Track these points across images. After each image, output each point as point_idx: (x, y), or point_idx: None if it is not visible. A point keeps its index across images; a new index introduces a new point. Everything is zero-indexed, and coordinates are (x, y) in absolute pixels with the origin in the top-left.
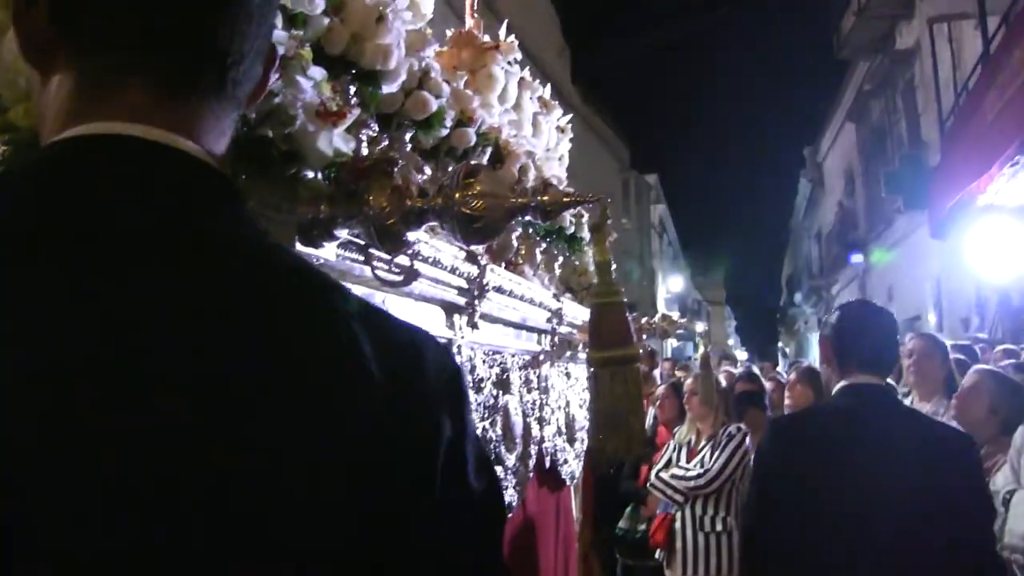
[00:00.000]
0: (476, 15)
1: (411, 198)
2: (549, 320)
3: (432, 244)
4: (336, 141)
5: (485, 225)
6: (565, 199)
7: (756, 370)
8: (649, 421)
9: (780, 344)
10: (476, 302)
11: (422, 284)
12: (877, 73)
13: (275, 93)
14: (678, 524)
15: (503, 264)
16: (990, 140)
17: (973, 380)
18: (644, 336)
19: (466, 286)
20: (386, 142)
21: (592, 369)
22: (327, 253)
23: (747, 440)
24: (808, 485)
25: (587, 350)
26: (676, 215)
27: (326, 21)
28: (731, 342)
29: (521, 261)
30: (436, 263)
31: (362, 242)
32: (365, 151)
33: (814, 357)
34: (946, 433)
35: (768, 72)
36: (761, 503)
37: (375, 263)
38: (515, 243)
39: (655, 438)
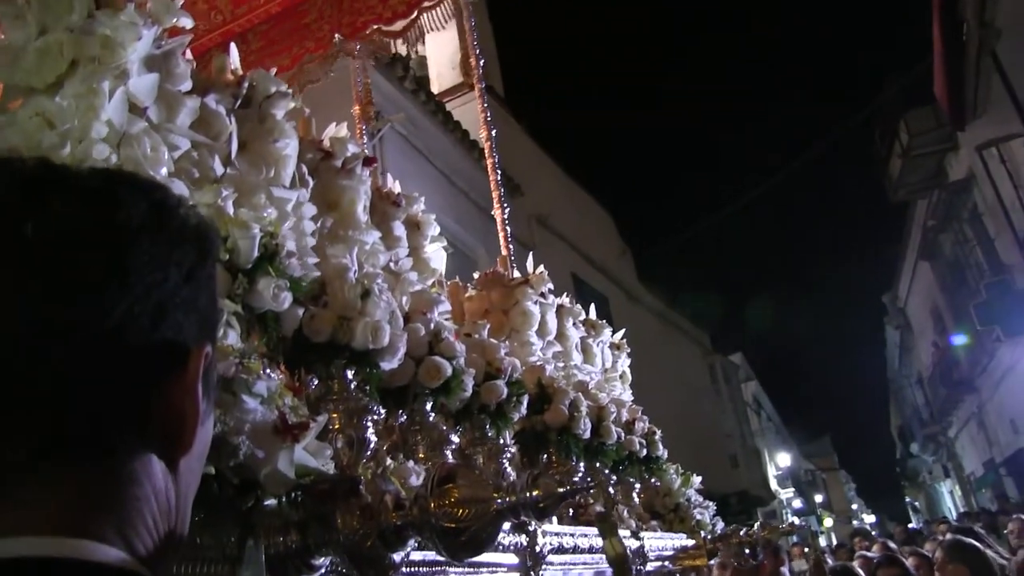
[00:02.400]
0: (511, 241)
1: (386, 514)
2: (631, 563)
3: None
4: (300, 457)
5: (471, 537)
6: (560, 491)
7: (893, 546)
8: None
9: (908, 499)
10: (533, 573)
11: (459, 571)
12: (938, 208)
13: (213, 424)
14: None
15: (570, 512)
16: None
17: None
18: (746, 550)
19: (516, 560)
20: (403, 418)
21: None
22: None
23: None
24: None
25: None
26: (769, 389)
27: (300, 312)
28: (854, 507)
29: (591, 500)
30: None
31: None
32: (374, 439)
33: (949, 508)
34: None
35: (831, 228)
36: None
37: None
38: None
39: None
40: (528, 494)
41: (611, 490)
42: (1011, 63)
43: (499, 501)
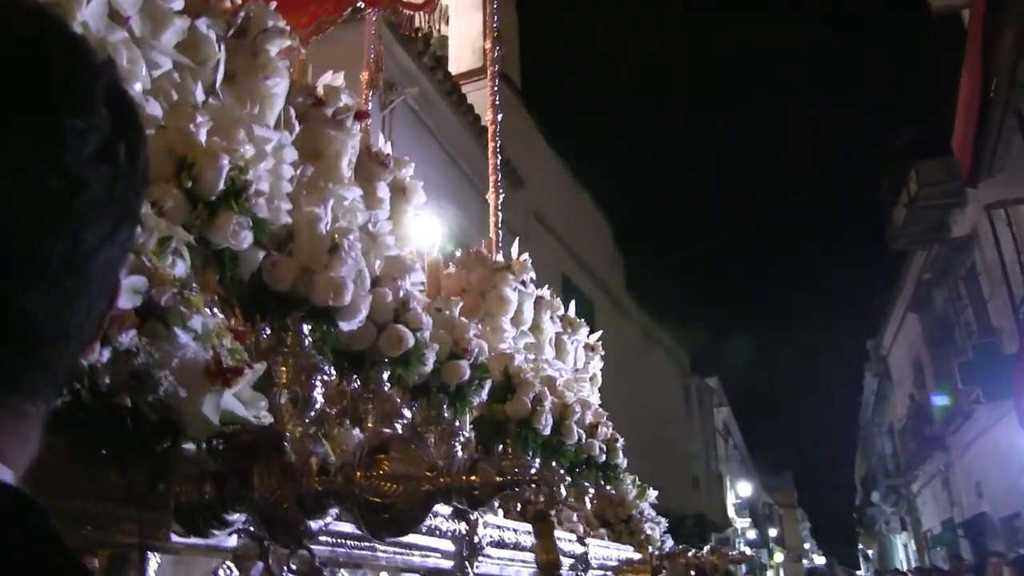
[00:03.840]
0: (500, 228)
1: (309, 477)
2: (572, 567)
3: None
4: (229, 404)
5: (396, 515)
6: (498, 480)
7: None
8: None
9: (860, 546)
10: (468, 564)
11: (389, 551)
12: (936, 262)
13: (135, 352)
14: None
15: (518, 506)
16: None
17: None
18: (692, 572)
19: (452, 548)
20: (356, 384)
21: None
22: (229, 541)
23: None
24: None
25: None
26: (740, 417)
27: (261, 256)
28: (807, 546)
29: (542, 498)
30: None
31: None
32: (321, 399)
33: (901, 561)
34: None
35: (823, 268)
36: None
37: (271, 556)
38: None
39: None
40: (463, 479)
41: (561, 489)
42: None
43: (431, 482)
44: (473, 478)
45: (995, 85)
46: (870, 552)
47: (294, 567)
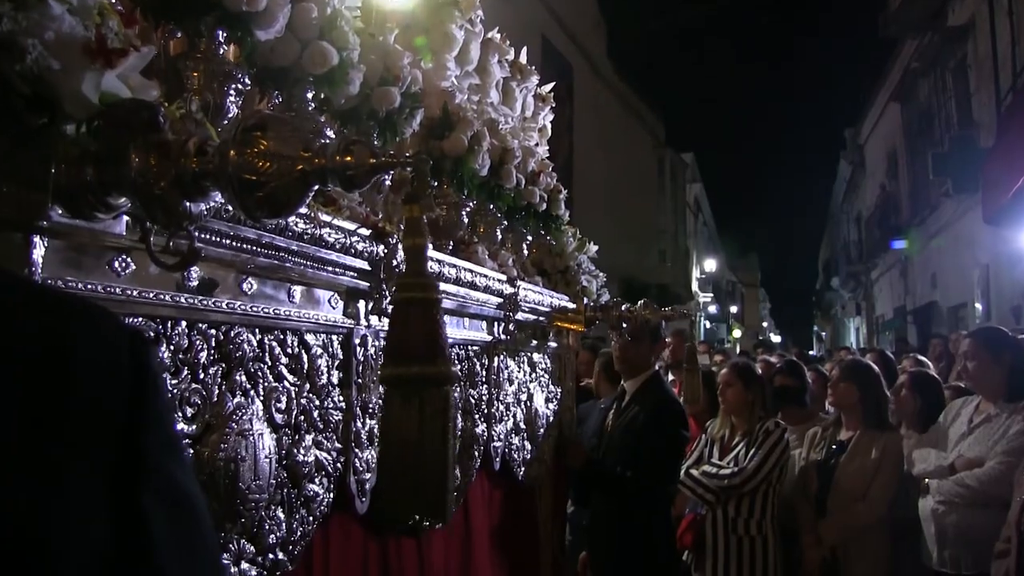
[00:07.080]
0: None
1: (186, 158)
2: (500, 307)
3: (320, 218)
4: (111, 85)
5: (271, 193)
6: (372, 161)
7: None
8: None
9: (816, 328)
10: (385, 287)
11: (299, 261)
12: (927, 51)
13: None
14: (708, 526)
15: (451, 244)
16: None
17: None
18: (623, 324)
19: (368, 268)
20: (278, 101)
21: (383, 389)
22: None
23: (785, 437)
24: None
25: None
26: (712, 195)
27: None
28: (765, 324)
29: (476, 240)
30: (319, 241)
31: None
32: (235, 109)
33: (852, 343)
34: None
35: (810, 50)
36: None
37: (153, 240)
38: (465, 220)
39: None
40: (337, 159)
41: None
42: None
43: (306, 162)
44: (348, 159)
45: None
46: (823, 334)
47: (173, 250)
